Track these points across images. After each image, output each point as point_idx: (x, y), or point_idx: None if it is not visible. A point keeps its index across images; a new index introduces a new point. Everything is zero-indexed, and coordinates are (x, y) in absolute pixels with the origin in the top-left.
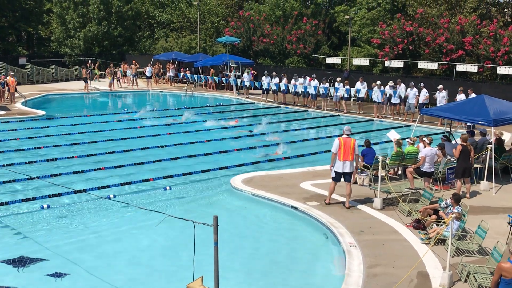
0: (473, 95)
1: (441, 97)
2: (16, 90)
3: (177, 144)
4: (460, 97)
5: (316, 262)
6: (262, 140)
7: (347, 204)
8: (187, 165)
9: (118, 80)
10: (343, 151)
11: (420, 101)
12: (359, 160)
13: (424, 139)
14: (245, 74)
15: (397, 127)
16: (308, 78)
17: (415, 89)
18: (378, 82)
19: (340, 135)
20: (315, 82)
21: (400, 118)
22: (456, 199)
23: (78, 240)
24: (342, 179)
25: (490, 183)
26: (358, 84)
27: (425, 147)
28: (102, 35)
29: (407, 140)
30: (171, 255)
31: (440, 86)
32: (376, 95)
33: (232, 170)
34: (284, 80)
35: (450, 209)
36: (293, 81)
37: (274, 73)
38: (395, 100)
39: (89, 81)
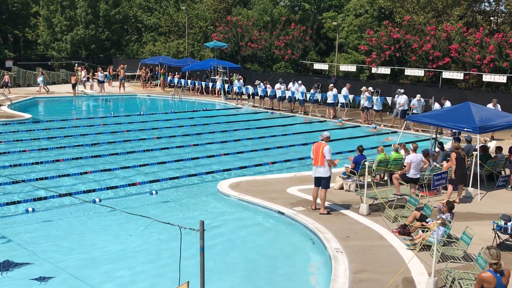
0: (447, 103)
1: (420, 105)
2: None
3: (163, 148)
4: (436, 106)
5: (302, 267)
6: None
7: (321, 210)
8: (174, 169)
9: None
10: (314, 156)
11: (405, 108)
12: (349, 167)
13: (409, 146)
14: (236, 82)
15: (384, 133)
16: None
17: (405, 96)
18: (370, 88)
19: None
20: (302, 88)
21: (382, 124)
22: (450, 207)
23: (63, 244)
24: None
25: (476, 190)
26: (330, 93)
27: (408, 153)
28: (89, 38)
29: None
30: (157, 260)
31: (418, 95)
32: (366, 101)
33: (219, 174)
34: (268, 87)
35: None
36: (277, 85)
37: (257, 81)
38: (377, 106)
39: (77, 86)
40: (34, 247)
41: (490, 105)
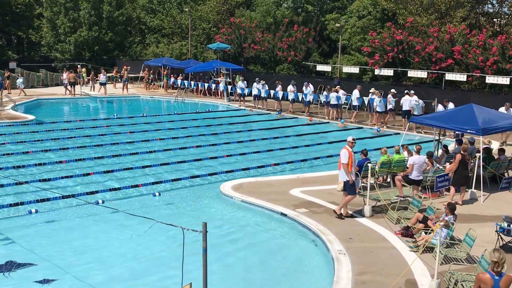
0: (451, 105)
1: (419, 107)
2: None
3: (167, 149)
4: (439, 108)
5: (304, 269)
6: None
7: (336, 209)
8: (177, 171)
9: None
10: None
11: (408, 108)
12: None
13: (414, 147)
14: (240, 82)
15: (387, 135)
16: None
17: (407, 97)
18: (393, 90)
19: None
20: (307, 90)
21: (385, 126)
22: (451, 208)
23: (66, 246)
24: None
25: (479, 192)
26: (333, 94)
27: (411, 155)
28: (93, 40)
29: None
30: (159, 261)
31: (416, 98)
32: (389, 103)
33: (222, 176)
34: (279, 88)
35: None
36: (290, 87)
37: (263, 81)
38: (380, 108)
39: (78, 86)
40: (37, 248)
41: (502, 109)
